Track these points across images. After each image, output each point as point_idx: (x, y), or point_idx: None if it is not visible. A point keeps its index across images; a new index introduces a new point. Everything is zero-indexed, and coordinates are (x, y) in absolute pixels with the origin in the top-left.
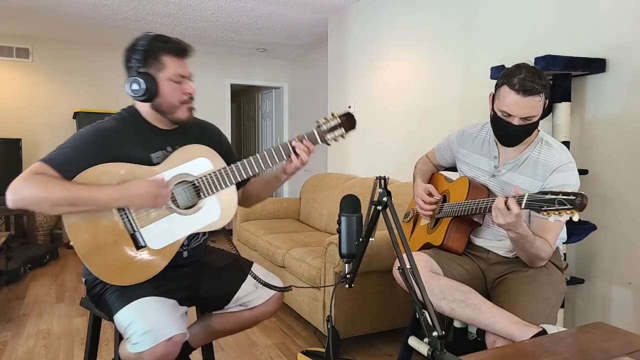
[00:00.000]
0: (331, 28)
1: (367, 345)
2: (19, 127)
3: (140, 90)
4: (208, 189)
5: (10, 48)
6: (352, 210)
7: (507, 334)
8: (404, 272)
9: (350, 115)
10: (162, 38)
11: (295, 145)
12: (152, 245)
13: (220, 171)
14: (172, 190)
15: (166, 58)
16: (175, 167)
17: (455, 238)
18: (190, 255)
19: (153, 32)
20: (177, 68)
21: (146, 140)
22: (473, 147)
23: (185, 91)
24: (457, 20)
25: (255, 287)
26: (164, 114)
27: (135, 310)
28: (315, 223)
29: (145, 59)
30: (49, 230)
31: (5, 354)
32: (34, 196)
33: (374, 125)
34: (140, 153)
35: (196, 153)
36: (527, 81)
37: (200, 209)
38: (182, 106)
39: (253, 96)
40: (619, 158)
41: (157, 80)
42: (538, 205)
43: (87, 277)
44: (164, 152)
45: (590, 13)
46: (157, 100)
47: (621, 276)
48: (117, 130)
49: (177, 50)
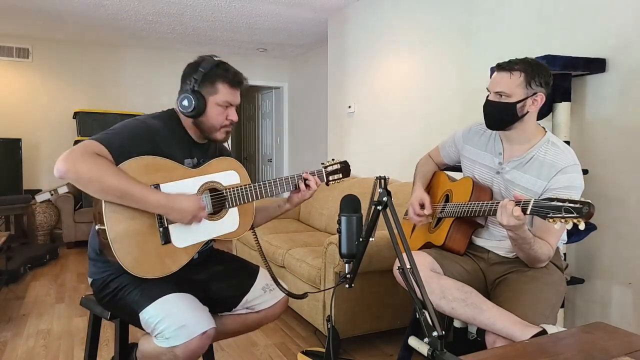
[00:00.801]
0: (331, 28)
1: (367, 345)
2: (19, 127)
3: (190, 107)
4: (234, 200)
5: (10, 48)
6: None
7: (507, 334)
8: (404, 272)
9: (347, 164)
10: (224, 67)
11: (307, 177)
12: (177, 243)
13: (247, 186)
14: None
15: (221, 85)
16: (210, 174)
17: (457, 239)
18: (199, 258)
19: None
20: (228, 96)
21: (181, 146)
22: (479, 144)
23: (229, 117)
24: (457, 20)
25: (263, 292)
26: (203, 131)
27: (165, 306)
28: (315, 223)
29: (202, 81)
30: (49, 230)
31: (5, 354)
32: (89, 175)
33: (374, 125)
34: (176, 155)
35: (229, 165)
36: (511, 60)
37: (224, 217)
38: (221, 129)
39: (253, 96)
40: (619, 158)
41: (207, 101)
42: (544, 212)
43: (95, 277)
44: (192, 160)
45: (591, 13)
46: (201, 119)
47: (621, 276)
48: (161, 129)
49: (233, 80)
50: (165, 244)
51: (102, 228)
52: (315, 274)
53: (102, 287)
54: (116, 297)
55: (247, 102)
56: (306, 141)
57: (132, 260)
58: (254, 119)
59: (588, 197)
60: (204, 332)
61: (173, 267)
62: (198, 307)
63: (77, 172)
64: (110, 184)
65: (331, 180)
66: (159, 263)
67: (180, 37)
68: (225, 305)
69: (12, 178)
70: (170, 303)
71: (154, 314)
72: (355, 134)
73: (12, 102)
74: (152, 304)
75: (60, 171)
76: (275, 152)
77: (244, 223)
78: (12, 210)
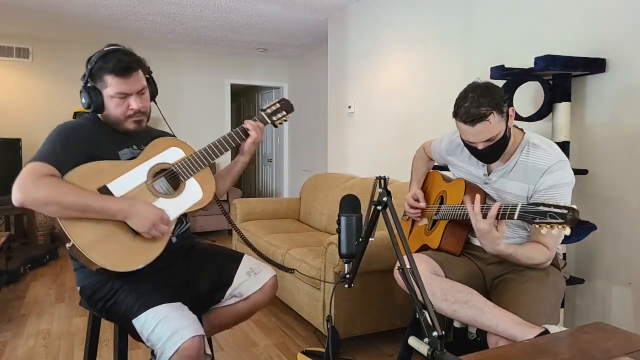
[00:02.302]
0: (331, 28)
1: (367, 345)
2: (19, 127)
3: (86, 104)
4: (186, 172)
5: (10, 48)
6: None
7: (509, 335)
8: (404, 272)
9: (286, 100)
10: (107, 57)
11: (247, 126)
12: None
13: (192, 156)
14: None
15: (108, 77)
16: (152, 157)
17: (451, 242)
18: (178, 241)
19: (114, 44)
20: (119, 86)
21: (111, 139)
22: (462, 157)
23: (130, 107)
24: (457, 20)
25: (248, 276)
26: (112, 125)
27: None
28: (315, 223)
29: (91, 76)
30: (49, 230)
31: (5, 354)
32: (46, 199)
33: (374, 125)
34: (109, 150)
35: (167, 143)
36: (472, 109)
37: (184, 191)
38: (128, 119)
39: (253, 96)
40: (618, 158)
41: (102, 95)
42: (530, 217)
43: (83, 284)
44: (130, 149)
45: (590, 13)
46: (104, 114)
47: (621, 276)
48: (85, 127)
49: (116, 69)
50: (138, 233)
51: (71, 244)
52: (315, 274)
53: (93, 293)
54: (109, 302)
55: (247, 102)
56: (306, 141)
57: (114, 260)
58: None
59: (588, 197)
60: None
61: (154, 253)
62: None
63: (34, 199)
64: (68, 203)
65: (276, 120)
66: (140, 253)
67: (180, 37)
68: (214, 298)
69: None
70: (158, 316)
71: (144, 327)
72: (355, 134)
73: (12, 102)
74: (142, 315)
75: (18, 201)
76: (275, 152)
77: (207, 189)
78: (12, 210)
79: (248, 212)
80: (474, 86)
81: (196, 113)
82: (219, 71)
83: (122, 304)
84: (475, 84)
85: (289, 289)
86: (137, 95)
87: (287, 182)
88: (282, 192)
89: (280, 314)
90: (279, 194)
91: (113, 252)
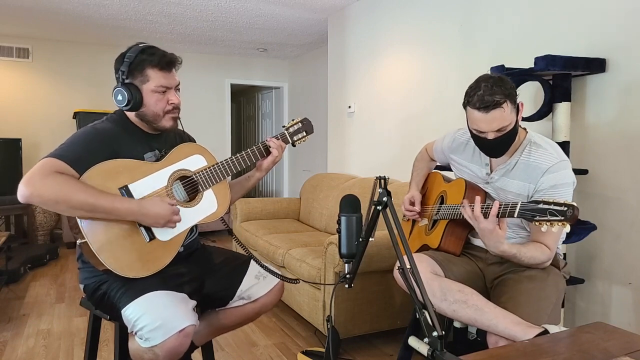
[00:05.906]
0: (331, 28)
1: (367, 345)
2: (19, 127)
3: (124, 101)
4: (206, 183)
5: (10, 48)
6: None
7: (509, 335)
8: (404, 272)
9: (308, 121)
10: (149, 51)
11: (270, 143)
12: (161, 237)
13: (215, 166)
14: (172, 188)
15: (150, 70)
16: (175, 163)
17: (451, 241)
18: (185, 250)
19: (145, 42)
20: (161, 80)
21: (138, 141)
22: (464, 155)
23: (170, 101)
24: (457, 20)
25: (257, 280)
26: (149, 122)
27: (144, 304)
28: (315, 223)
29: (130, 71)
30: (49, 230)
31: (5, 354)
32: (54, 196)
33: (374, 125)
34: (135, 153)
35: (192, 150)
36: (486, 96)
37: (201, 201)
38: (166, 115)
39: (253, 96)
40: (619, 158)
41: (141, 91)
42: (530, 215)
43: (86, 283)
44: (154, 152)
45: (590, 13)
46: (142, 110)
47: (621, 276)
48: (113, 131)
49: (161, 63)
50: (151, 240)
51: (84, 241)
52: (315, 274)
53: (93, 291)
54: (104, 297)
55: (247, 102)
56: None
57: (122, 264)
58: (254, 119)
59: (588, 197)
60: (181, 330)
61: (163, 261)
62: (178, 304)
63: (40, 195)
64: (77, 201)
65: (296, 140)
66: (150, 261)
67: (180, 37)
68: (222, 300)
69: (12, 178)
70: (149, 301)
71: (132, 312)
72: (355, 134)
73: (12, 102)
74: (132, 303)
75: (24, 196)
76: None
77: (223, 201)
78: (12, 210)
79: (248, 212)
80: (487, 76)
81: (196, 113)
82: (219, 71)
83: (112, 297)
84: (487, 75)
85: (289, 289)
86: (175, 90)
87: (287, 182)
88: (282, 192)
89: (281, 314)
90: (279, 194)
91: (123, 255)
